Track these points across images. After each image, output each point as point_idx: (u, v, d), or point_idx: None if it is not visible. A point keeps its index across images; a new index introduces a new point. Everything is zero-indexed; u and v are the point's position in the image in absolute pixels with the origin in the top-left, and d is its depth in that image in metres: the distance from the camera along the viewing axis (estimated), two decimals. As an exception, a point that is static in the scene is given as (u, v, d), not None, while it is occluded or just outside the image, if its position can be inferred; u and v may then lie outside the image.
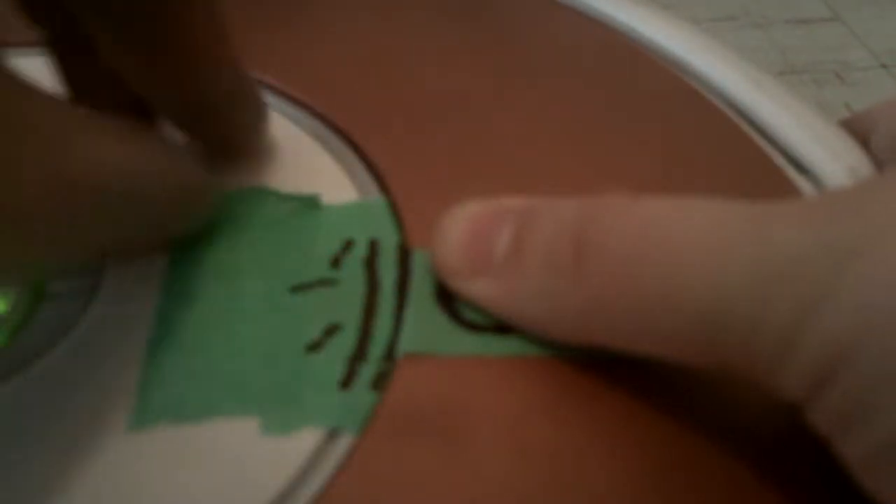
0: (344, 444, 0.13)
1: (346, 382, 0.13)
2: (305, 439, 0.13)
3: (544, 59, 0.22)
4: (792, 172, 0.18)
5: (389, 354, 0.14)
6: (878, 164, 0.19)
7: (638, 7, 0.24)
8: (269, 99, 0.19)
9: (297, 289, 0.15)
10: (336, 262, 0.15)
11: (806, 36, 0.78)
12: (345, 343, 0.14)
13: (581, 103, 0.20)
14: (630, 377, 0.14)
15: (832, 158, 0.18)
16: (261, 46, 0.20)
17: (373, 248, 0.16)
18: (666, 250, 0.11)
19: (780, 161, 0.19)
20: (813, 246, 0.09)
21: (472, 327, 0.14)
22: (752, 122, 0.20)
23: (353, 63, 0.21)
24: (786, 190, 0.18)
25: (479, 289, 0.14)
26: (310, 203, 0.17)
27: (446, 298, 0.15)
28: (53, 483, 0.12)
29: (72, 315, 0.15)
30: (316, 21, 0.23)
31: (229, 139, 0.17)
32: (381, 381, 0.13)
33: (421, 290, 0.15)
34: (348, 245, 0.16)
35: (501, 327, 0.14)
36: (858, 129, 0.19)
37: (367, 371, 0.14)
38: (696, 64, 0.21)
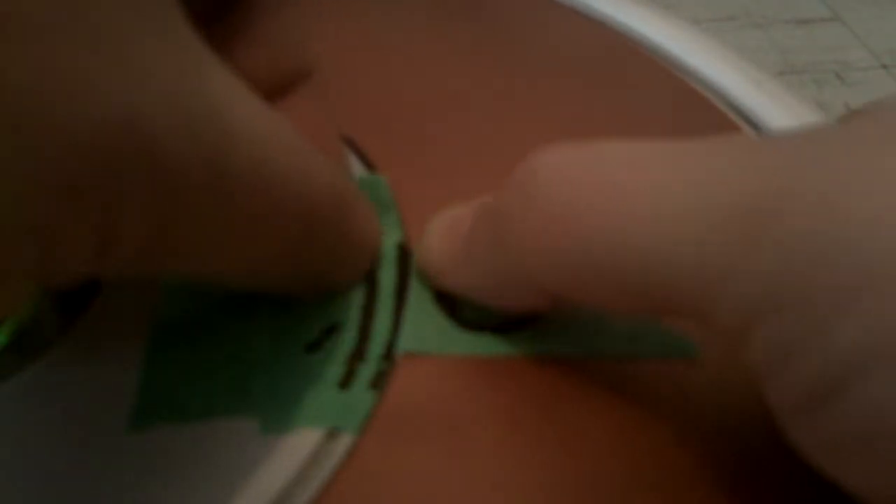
0: (344, 443, 0.13)
1: (346, 382, 0.13)
2: (305, 439, 0.13)
3: (544, 59, 0.22)
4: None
5: (388, 354, 0.14)
6: None
7: (638, 7, 0.24)
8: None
9: (297, 289, 0.15)
10: None
11: (806, 36, 0.78)
12: (344, 343, 0.14)
13: (581, 103, 0.20)
14: (627, 378, 0.14)
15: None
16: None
17: None
18: (610, 189, 0.11)
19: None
20: (750, 196, 0.10)
21: (471, 327, 0.14)
22: (752, 122, 0.20)
23: (352, 63, 0.21)
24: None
25: (453, 283, 0.14)
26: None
27: (446, 299, 0.15)
28: (54, 482, 0.12)
29: (72, 315, 0.15)
30: (315, 21, 0.23)
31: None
32: (380, 381, 0.13)
33: (420, 290, 0.15)
34: None
35: (500, 328, 0.14)
36: None
37: (367, 371, 0.14)
38: (696, 64, 0.22)
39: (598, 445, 0.13)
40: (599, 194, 0.11)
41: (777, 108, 0.20)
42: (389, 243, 0.16)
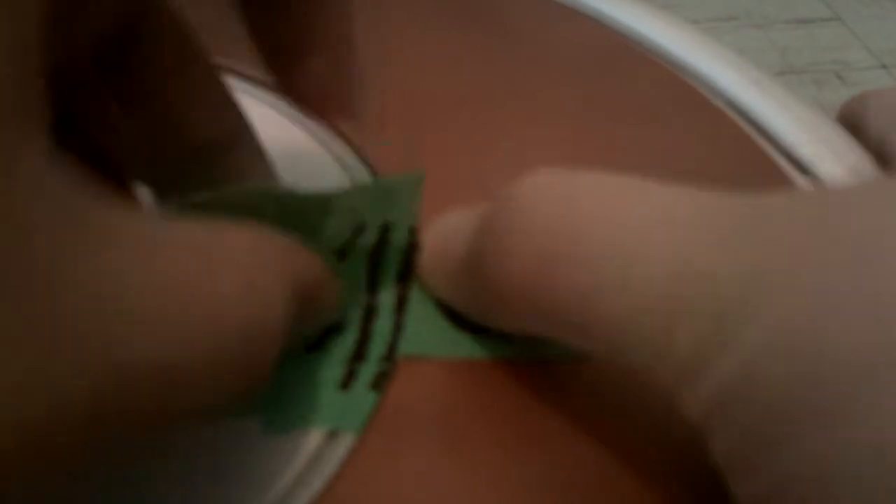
0: (344, 444, 0.13)
1: (346, 383, 0.13)
2: (305, 439, 0.13)
3: (544, 58, 0.22)
4: (792, 172, 0.18)
5: (389, 355, 0.14)
6: (873, 149, 0.19)
7: (637, 7, 0.24)
8: (269, 100, 0.19)
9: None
10: (342, 255, 0.15)
11: (806, 36, 0.78)
12: (345, 343, 0.14)
13: (581, 104, 0.20)
14: (628, 379, 0.14)
15: (832, 158, 0.18)
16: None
17: (382, 235, 0.15)
18: (583, 246, 0.11)
19: (780, 161, 0.19)
20: (720, 281, 0.09)
21: (472, 330, 0.14)
22: (752, 122, 0.20)
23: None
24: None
25: (446, 297, 0.14)
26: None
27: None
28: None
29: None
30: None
31: None
32: (380, 382, 0.13)
33: (421, 291, 0.15)
34: (359, 230, 0.15)
35: (501, 331, 0.14)
36: (851, 115, 0.19)
37: (367, 371, 0.14)
38: (696, 64, 0.22)
39: (598, 445, 0.13)
40: (571, 249, 0.11)
41: (777, 108, 0.20)
42: (401, 230, 0.16)
